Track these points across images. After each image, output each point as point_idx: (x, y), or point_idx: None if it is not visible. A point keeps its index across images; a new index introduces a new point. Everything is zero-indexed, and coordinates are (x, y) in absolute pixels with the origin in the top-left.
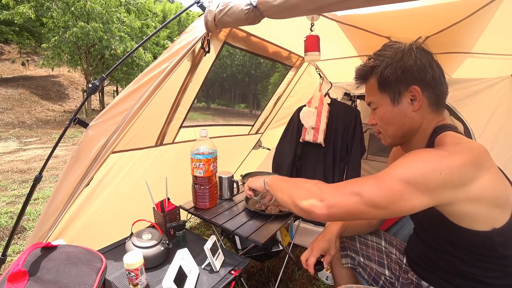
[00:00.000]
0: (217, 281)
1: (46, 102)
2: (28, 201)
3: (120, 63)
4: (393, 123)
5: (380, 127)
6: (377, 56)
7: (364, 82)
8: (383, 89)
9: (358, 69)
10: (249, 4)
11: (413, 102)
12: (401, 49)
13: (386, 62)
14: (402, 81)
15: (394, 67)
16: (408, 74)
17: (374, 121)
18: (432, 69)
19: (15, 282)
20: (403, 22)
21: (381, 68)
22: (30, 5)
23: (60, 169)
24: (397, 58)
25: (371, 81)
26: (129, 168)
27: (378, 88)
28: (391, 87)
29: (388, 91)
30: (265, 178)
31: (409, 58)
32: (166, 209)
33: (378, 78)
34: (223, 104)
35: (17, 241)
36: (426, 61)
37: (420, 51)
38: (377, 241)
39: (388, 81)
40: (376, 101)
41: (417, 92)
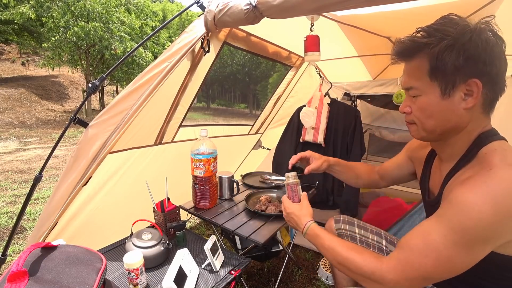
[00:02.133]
0: (217, 281)
1: (46, 102)
2: (28, 201)
3: (120, 63)
4: (436, 117)
5: (417, 118)
6: (433, 30)
7: (405, 60)
8: (434, 76)
9: (402, 42)
10: (248, 4)
11: (466, 97)
12: (469, 29)
13: (447, 42)
14: (463, 71)
15: (457, 51)
16: (472, 63)
17: (409, 109)
18: (500, 62)
19: (15, 282)
20: (403, 22)
21: (438, 48)
22: (30, 5)
23: (60, 169)
24: (463, 40)
25: (419, 61)
26: (128, 166)
27: (428, 73)
28: (447, 75)
29: (440, 80)
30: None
31: (478, 43)
32: (166, 209)
33: (432, 61)
34: (223, 104)
35: (17, 241)
36: (498, 51)
37: (494, 35)
38: (378, 240)
39: (445, 68)
40: (420, 87)
41: (477, 87)
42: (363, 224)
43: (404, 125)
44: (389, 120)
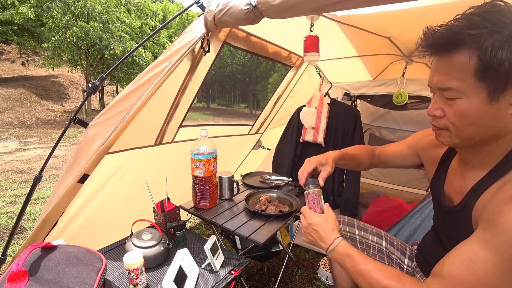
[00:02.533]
0: (217, 281)
1: (46, 102)
2: (28, 201)
3: (120, 62)
4: (478, 125)
5: (452, 125)
6: (481, 19)
7: (440, 55)
8: (483, 76)
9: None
10: (248, 4)
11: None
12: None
13: (502, 36)
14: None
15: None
16: None
17: (442, 113)
18: None
19: (15, 282)
20: (403, 22)
21: (492, 43)
22: (30, 4)
23: (60, 169)
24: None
25: (463, 57)
26: (128, 166)
27: (475, 72)
28: (499, 76)
29: (490, 81)
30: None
31: None
32: (166, 209)
33: (484, 58)
34: (223, 104)
35: (17, 241)
36: None
37: None
38: (378, 241)
39: (499, 68)
40: (462, 89)
41: None
42: (363, 225)
43: (404, 125)
44: (389, 120)
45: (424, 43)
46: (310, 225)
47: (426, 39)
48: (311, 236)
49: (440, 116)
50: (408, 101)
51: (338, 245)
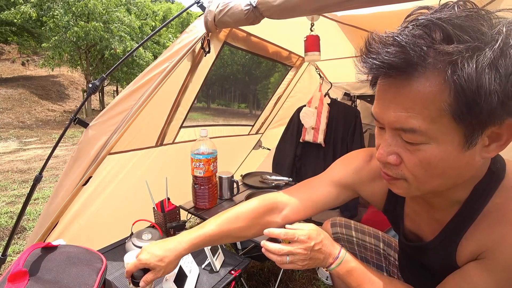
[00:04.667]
0: (217, 281)
1: (46, 102)
2: (28, 201)
3: (120, 63)
4: (447, 176)
5: (413, 175)
6: (457, 29)
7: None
8: (463, 115)
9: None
10: (249, 4)
11: (490, 143)
12: (503, 23)
13: (488, 56)
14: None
15: (505, 74)
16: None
17: (398, 161)
18: None
19: (15, 282)
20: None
21: (474, 65)
22: (31, 4)
23: (60, 169)
24: (508, 46)
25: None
26: (129, 168)
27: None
28: (480, 115)
29: (469, 121)
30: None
31: None
32: (166, 209)
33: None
34: (223, 104)
35: (17, 241)
36: None
37: None
38: (376, 243)
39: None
40: (430, 132)
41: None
42: (360, 227)
43: None
44: None
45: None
46: (314, 247)
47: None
48: (313, 260)
49: (396, 163)
50: None
51: (344, 258)
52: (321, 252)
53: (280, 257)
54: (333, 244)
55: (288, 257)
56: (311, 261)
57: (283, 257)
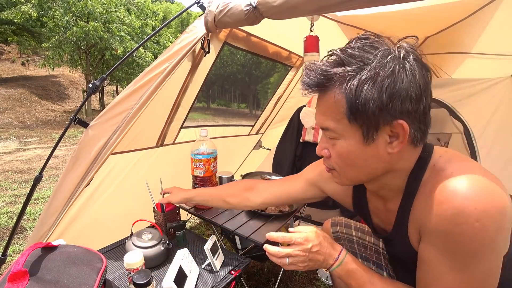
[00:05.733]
0: (217, 281)
1: (46, 102)
2: (28, 201)
3: (120, 63)
4: (359, 166)
5: (337, 165)
6: (348, 56)
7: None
8: (354, 117)
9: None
10: (249, 4)
11: (392, 141)
12: (392, 57)
13: (366, 74)
14: (387, 110)
15: (379, 86)
16: (398, 101)
17: (328, 153)
18: (427, 96)
19: (15, 282)
20: (403, 23)
21: (356, 81)
22: (31, 4)
23: (60, 169)
24: (385, 71)
25: (334, 96)
26: (130, 169)
27: (346, 113)
28: (369, 117)
29: (361, 122)
30: (334, 264)
31: (403, 76)
32: (166, 209)
33: (350, 98)
34: (223, 104)
35: (17, 241)
36: (424, 84)
37: (419, 65)
38: (375, 242)
39: (366, 108)
40: (337, 130)
41: (403, 130)
42: (360, 226)
43: None
44: None
45: (302, 81)
46: (311, 249)
47: (303, 78)
48: (313, 261)
49: (327, 156)
50: None
51: (344, 259)
52: (319, 253)
53: (280, 259)
54: (333, 245)
55: (288, 259)
56: (311, 263)
57: (283, 259)
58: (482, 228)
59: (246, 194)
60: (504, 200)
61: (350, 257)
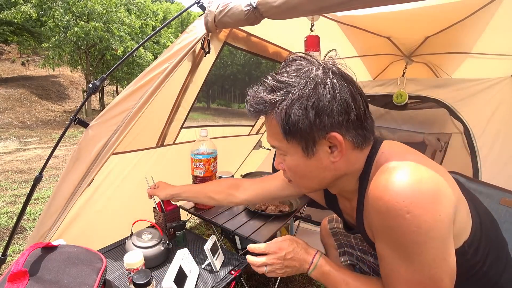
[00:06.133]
0: (217, 281)
1: (46, 102)
2: (28, 201)
3: (120, 63)
4: (308, 177)
5: (291, 177)
6: (277, 82)
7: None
8: (290, 136)
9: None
10: (249, 5)
11: (332, 151)
12: (312, 76)
13: (292, 97)
14: (318, 126)
15: (305, 106)
16: (325, 116)
17: (282, 166)
18: (355, 103)
19: (15, 282)
20: (403, 23)
21: (285, 105)
22: (31, 4)
23: (60, 169)
24: (308, 91)
25: (271, 120)
26: (130, 169)
27: (282, 133)
28: (302, 134)
29: (298, 139)
30: (310, 268)
31: (324, 92)
32: (166, 209)
33: (283, 122)
34: (223, 104)
35: (17, 241)
36: (348, 94)
37: (338, 77)
38: None
39: (298, 127)
40: (282, 148)
41: (337, 140)
42: None
43: (404, 125)
44: (389, 120)
45: (246, 108)
46: (286, 256)
47: (247, 106)
48: (290, 268)
49: (282, 169)
50: (408, 101)
51: (318, 262)
52: (294, 259)
53: (258, 268)
54: (307, 250)
55: (266, 267)
56: (289, 269)
57: (261, 268)
58: (414, 219)
59: (231, 191)
60: (435, 188)
61: (324, 259)
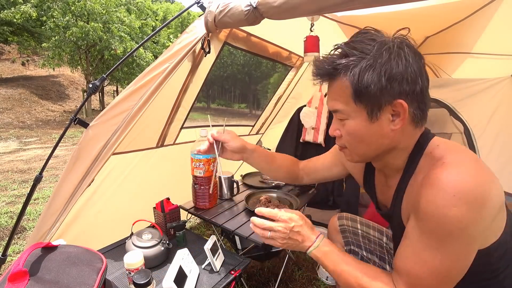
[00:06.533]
0: (217, 281)
1: (46, 102)
2: (28, 201)
3: (120, 63)
4: (367, 142)
5: (348, 143)
6: (351, 48)
7: (328, 81)
8: (359, 99)
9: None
10: (249, 5)
11: (394, 119)
12: (387, 46)
13: (366, 62)
14: (386, 92)
15: (378, 71)
16: (396, 83)
17: (339, 133)
18: (422, 78)
19: (15, 282)
20: (403, 23)
21: (358, 69)
22: (31, 3)
23: (60, 169)
24: (382, 59)
25: (341, 82)
26: (130, 169)
27: (352, 96)
28: (371, 98)
29: (365, 103)
30: (311, 246)
31: (398, 62)
32: (166, 209)
33: (354, 83)
34: (223, 104)
35: (17, 241)
36: (418, 68)
37: (412, 52)
38: (379, 237)
39: (368, 90)
40: (346, 111)
41: (403, 108)
42: (365, 221)
43: None
44: None
45: (313, 72)
46: (293, 228)
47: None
48: (292, 241)
49: (338, 136)
50: None
51: (321, 242)
52: (299, 234)
53: (262, 231)
54: (313, 230)
55: (270, 232)
56: (290, 241)
57: (265, 232)
58: (458, 213)
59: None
60: (486, 194)
61: (327, 240)
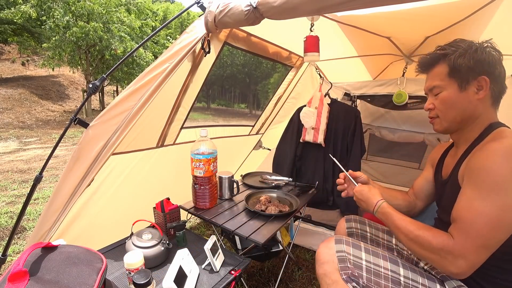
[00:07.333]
0: (217, 281)
1: (46, 102)
2: (28, 201)
3: (120, 63)
4: (456, 107)
5: (440, 111)
6: (449, 46)
7: (428, 70)
8: (452, 75)
9: (425, 58)
10: (249, 5)
11: (479, 91)
12: (475, 44)
13: (460, 52)
14: (473, 70)
15: (468, 57)
16: (480, 65)
17: (433, 106)
18: (500, 66)
19: (15, 282)
20: (403, 23)
21: (454, 56)
22: (31, 3)
23: (60, 169)
24: (471, 50)
25: (440, 67)
26: (130, 169)
27: (448, 73)
28: (462, 74)
29: (457, 78)
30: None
31: (482, 52)
32: (166, 209)
33: (450, 65)
34: (223, 104)
35: (17, 241)
36: (497, 59)
37: (493, 49)
38: (388, 239)
39: (460, 69)
40: (442, 85)
41: (485, 82)
42: (374, 224)
43: (403, 125)
44: (389, 120)
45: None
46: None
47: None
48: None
49: (432, 108)
50: (408, 101)
51: (380, 206)
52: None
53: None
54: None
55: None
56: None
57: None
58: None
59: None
60: None
61: (386, 204)
